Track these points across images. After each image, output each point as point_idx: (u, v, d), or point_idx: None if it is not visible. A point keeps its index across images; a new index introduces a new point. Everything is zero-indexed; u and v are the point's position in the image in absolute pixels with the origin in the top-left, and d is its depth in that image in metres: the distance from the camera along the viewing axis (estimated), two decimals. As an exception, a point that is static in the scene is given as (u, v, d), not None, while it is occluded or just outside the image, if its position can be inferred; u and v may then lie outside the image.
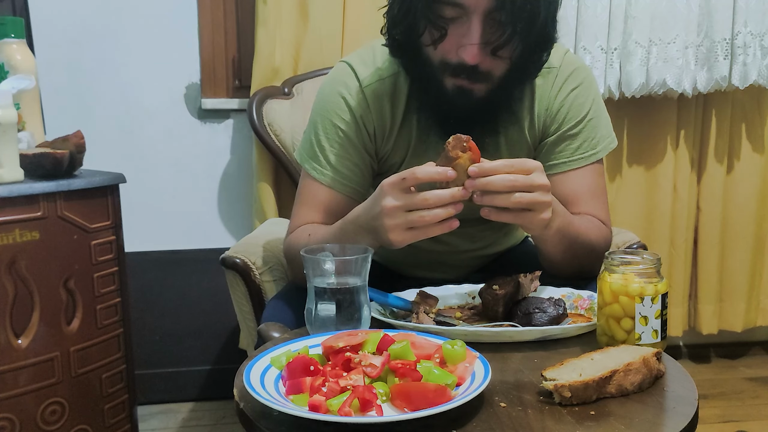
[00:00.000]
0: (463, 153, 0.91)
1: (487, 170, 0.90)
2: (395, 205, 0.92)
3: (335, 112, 1.15)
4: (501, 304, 0.99)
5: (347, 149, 1.15)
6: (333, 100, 1.15)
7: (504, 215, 0.94)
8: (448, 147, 0.91)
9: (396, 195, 0.93)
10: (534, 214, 0.94)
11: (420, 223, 0.92)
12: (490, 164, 0.91)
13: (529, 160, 0.93)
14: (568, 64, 1.16)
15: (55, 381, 1.21)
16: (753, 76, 2.05)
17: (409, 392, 0.69)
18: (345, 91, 1.14)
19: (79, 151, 1.24)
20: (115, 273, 1.31)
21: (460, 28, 1.00)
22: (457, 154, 0.90)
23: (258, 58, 1.92)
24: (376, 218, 0.96)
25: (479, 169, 0.90)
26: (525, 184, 0.91)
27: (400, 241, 0.95)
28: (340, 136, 1.15)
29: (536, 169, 0.93)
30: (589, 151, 1.16)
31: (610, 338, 0.88)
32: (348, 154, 1.15)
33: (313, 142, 1.17)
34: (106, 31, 1.97)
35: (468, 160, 0.91)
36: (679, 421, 0.70)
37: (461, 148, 0.91)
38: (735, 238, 2.28)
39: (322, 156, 1.16)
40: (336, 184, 1.15)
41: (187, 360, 2.14)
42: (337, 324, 0.89)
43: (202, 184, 2.08)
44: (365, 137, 1.15)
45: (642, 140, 2.20)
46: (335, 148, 1.15)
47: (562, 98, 1.15)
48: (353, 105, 1.14)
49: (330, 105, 1.15)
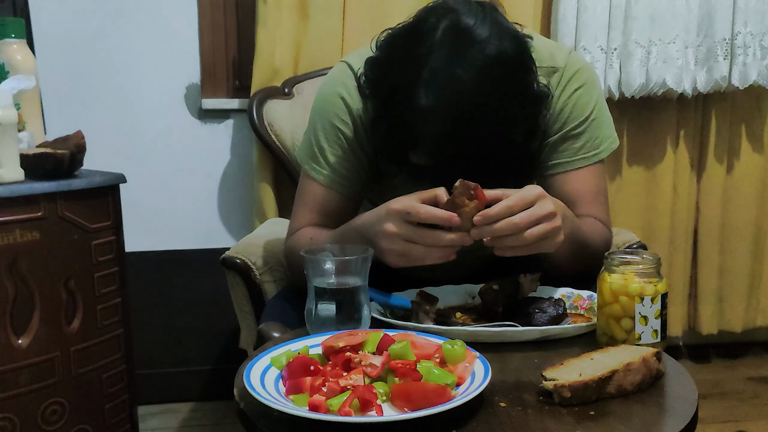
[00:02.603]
0: (470, 201, 0.90)
1: (491, 217, 0.90)
2: (394, 232, 0.94)
3: (334, 113, 1.15)
4: (501, 304, 0.99)
5: (346, 150, 1.15)
6: (332, 101, 1.15)
7: (519, 251, 0.94)
8: (455, 192, 0.90)
9: (397, 223, 0.94)
10: (547, 241, 0.94)
11: (414, 255, 0.94)
12: (493, 211, 0.90)
13: (529, 191, 0.93)
14: (573, 64, 1.16)
15: (55, 381, 1.21)
16: (753, 77, 2.05)
17: (409, 392, 0.69)
18: (344, 92, 1.14)
19: (79, 151, 1.24)
20: (115, 273, 1.31)
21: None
22: (463, 202, 0.90)
23: (258, 58, 1.92)
24: (376, 236, 0.97)
25: (484, 218, 0.90)
26: (530, 220, 0.91)
27: (394, 264, 0.97)
28: (339, 137, 1.15)
29: (538, 198, 0.92)
30: (592, 151, 1.16)
31: (609, 338, 0.88)
32: (347, 155, 1.15)
33: (313, 143, 1.17)
34: (106, 31, 1.97)
35: (474, 209, 0.90)
36: (679, 421, 0.70)
37: (468, 196, 0.90)
38: (735, 238, 2.28)
39: (321, 156, 1.16)
40: (335, 185, 1.15)
41: (187, 360, 2.14)
42: (337, 324, 0.89)
43: (202, 184, 2.08)
44: (363, 137, 1.15)
45: (642, 140, 2.20)
46: (334, 149, 1.15)
47: (565, 98, 1.15)
48: (352, 105, 1.14)
49: (329, 105, 1.15)
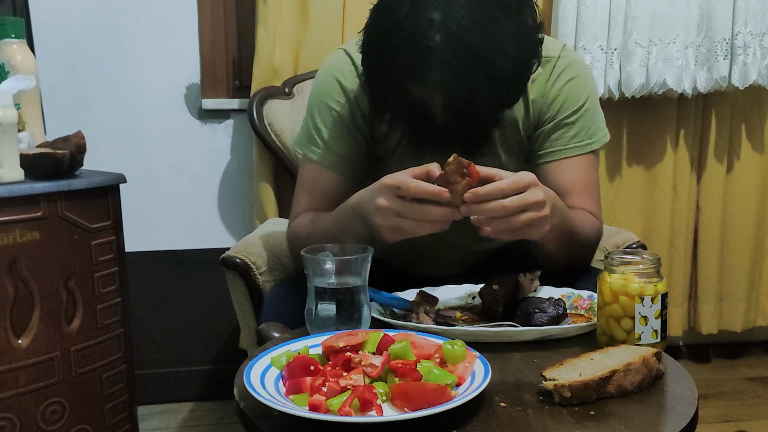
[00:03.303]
0: (462, 179, 0.90)
1: (481, 196, 0.90)
2: (386, 206, 0.94)
3: (330, 95, 1.17)
4: (501, 304, 0.99)
5: (342, 130, 1.16)
6: (328, 84, 1.17)
7: (503, 234, 0.94)
8: (448, 169, 0.90)
9: (389, 197, 0.94)
10: (532, 228, 0.94)
11: (406, 230, 0.95)
12: (485, 190, 0.90)
13: (523, 176, 0.93)
14: (566, 56, 1.17)
15: (55, 381, 1.21)
16: (753, 76, 2.05)
17: (409, 392, 0.69)
18: (340, 75, 1.17)
19: (79, 151, 1.24)
20: (115, 273, 1.31)
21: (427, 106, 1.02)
22: (455, 179, 0.90)
23: (258, 58, 1.92)
24: (369, 212, 0.98)
25: (475, 195, 0.90)
26: (520, 206, 0.91)
27: (388, 238, 0.98)
28: (334, 116, 1.16)
29: (530, 185, 0.93)
30: (585, 140, 1.16)
31: (609, 338, 0.88)
32: (343, 135, 1.16)
33: (310, 126, 1.19)
34: (106, 31, 1.97)
35: (466, 185, 0.90)
36: (679, 421, 0.70)
37: (460, 174, 0.90)
38: (735, 238, 2.28)
39: (318, 137, 1.17)
40: (333, 165, 1.17)
41: (187, 360, 2.14)
42: (337, 324, 0.89)
43: (202, 184, 2.08)
44: (359, 119, 1.16)
45: (642, 140, 2.20)
46: (330, 129, 1.17)
47: (559, 87, 1.15)
48: (348, 87, 1.16)
49: (325, 88, 1.18)
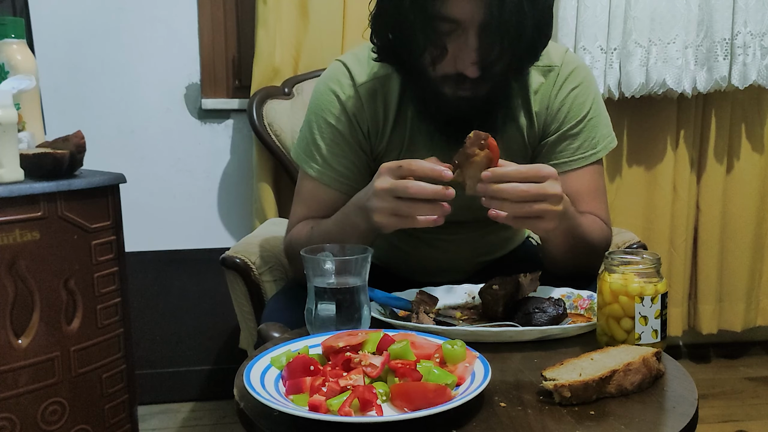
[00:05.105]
0: (481, 151, 0.90)
1: (500, 176, 0.90)
2: (384, 188, 0.94)
3: (329, 111, 1.16)
4: (501, 304, 0.99)
5: (342, 147, 1.15)
6: (327, 99, 1.16)
7: (511, 220, 0.94)
8: (466, 143, 0.90)
9: (388, 180, 0.94)
10: (541, 221, 0.94)
11: (404, 212, 0.94)
12: (504, 170, 0.90)
13: (543, 167, 0.93)
14: (569, 63, 1.16)
15: (55, 381, 1.21)
16: (753, 76, 2.04)
17: (409, 392, 0.69)
18: (339, 90, 1.15)
19: (79, 151, 1.24)
20: (115, 273, 1.31)
21: (456, 42, 0.99)
22: (474, 152, 0.89)
23: (258, 58, 1.92)
24: (368, 198, 0.98)
25: (493, 174, 0.90)
26: (537, 194, 0.91)
27: (384, 224, 0.97)
28: (334, 134, 1.15)
29: (550, 177, 0.92)
30: (590, 150, 1.16)
31: (609, 338, 0.88)
32: (343, 152, 1.15)
33: (309, 141, 1.18)
34: (106, 31, 1.97)
35: (485, 158, 0.90)
36: (679, 421, 0.70)
37: (479, 146, 0.89)
38: (735, 238, 2.28)
39: (318, 154, 1.16)
40: (332, 182, 1.16)
41: (187, 360, 2.14)
42: (337, 324, 0.89)
43: (202, 184, 2.08)
44: (359, 135, 1.15)
45: (642, 140, 2.20)
46: (330, 146, 1.15)
47: (562, 97, 1.15)
48: (347, 103, 1.14)
49: (324, 103, 1.16)
